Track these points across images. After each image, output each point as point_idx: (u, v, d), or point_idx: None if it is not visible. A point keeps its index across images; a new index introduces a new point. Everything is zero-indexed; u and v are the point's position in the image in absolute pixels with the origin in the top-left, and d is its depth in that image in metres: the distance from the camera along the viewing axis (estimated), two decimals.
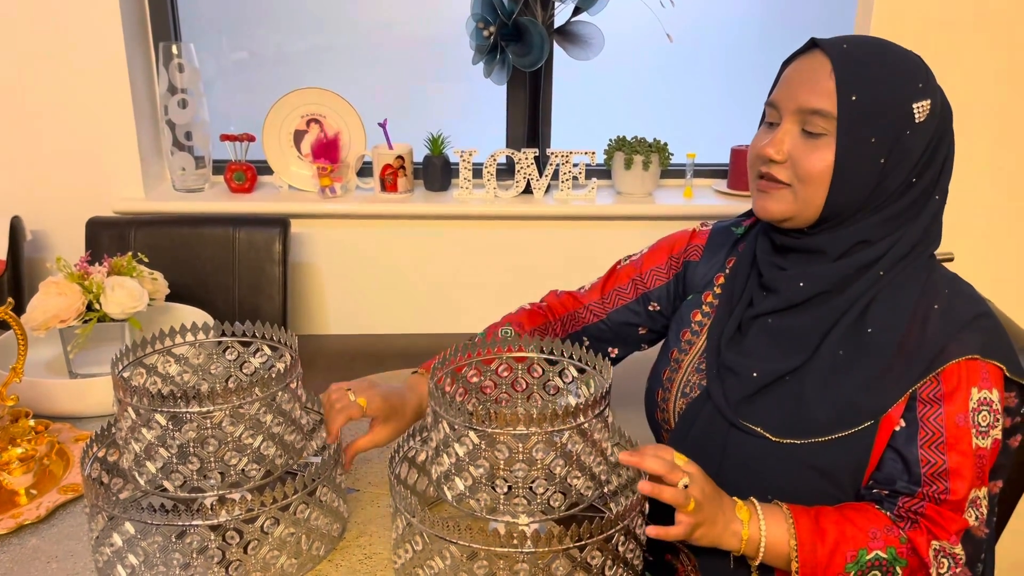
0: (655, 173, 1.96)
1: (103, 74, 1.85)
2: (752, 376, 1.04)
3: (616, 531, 0.90)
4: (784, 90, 1.00)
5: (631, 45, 1.99)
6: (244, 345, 1.14)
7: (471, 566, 0.89)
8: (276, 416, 0.98)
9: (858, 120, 0.95)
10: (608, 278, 1.29)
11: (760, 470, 1.02)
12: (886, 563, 0.94)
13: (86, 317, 1.40)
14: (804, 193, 0.99)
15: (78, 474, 1.19)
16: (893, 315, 0.99)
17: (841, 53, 0.97)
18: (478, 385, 1.11)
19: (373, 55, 2.08)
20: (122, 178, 1.93)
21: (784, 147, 0.99)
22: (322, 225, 1.97)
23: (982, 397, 0.96)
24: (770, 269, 1.07)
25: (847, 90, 0.95)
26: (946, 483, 0.95)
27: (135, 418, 0.94)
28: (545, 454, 0.90)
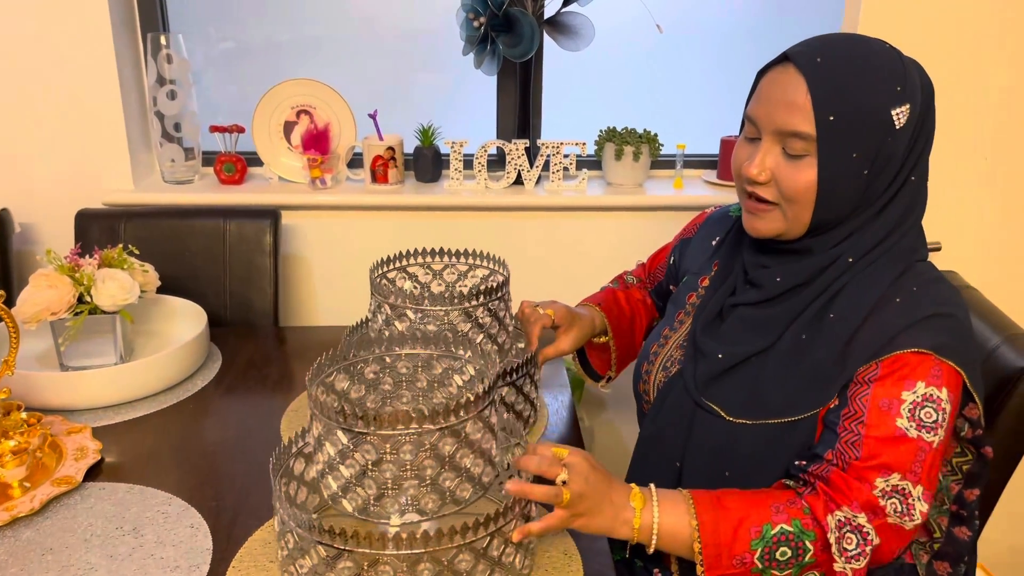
0: (645, 164, 1.97)
1: (91, 65, 1.84)
2: (718, 358, 1.07)
3: (477, 539, 0.89)
4: (761, 108, 0.99)
5: (621, 36, 2.00)
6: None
7: (335, 565, 0.89)
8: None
9: (837, 138, 0.95)
10: (653, 259, 1.46)
11: (718, 449, 1.06)
12: (793, 536, 0.94)
13: (77, 310, 1.40)
14: (791, 211, 1.00)
15: (71, 466, 1.20)
16: (856, 304, 1.00)
17: (815, 69, 0.95)
18: (376, 381, 1.12)
19: (363, 46, 2.07)
20: (111, 170, 1.92)
21: (766, 167, 0.99)
22: (312, 216, 1.96)
23: (928, 393, 0.94)
24: (754, 268, 1.09)
25: (824, 110, 0.94)
26: (856, 452, 0.95)
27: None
28: (413, 456, 0.89)
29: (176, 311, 1.65)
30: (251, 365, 1.57)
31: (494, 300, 1.23)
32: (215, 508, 1.13)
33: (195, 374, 1.52)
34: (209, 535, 1.07)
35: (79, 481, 1.16)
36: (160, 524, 1.09)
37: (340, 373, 1.07)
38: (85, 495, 1.15)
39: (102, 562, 1.02)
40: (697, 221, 1.31)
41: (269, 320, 1.81)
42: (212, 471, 1.23)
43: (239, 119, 1.97)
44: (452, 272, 1.38)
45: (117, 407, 1.39)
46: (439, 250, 1.37)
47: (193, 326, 1.58)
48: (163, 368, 1.43)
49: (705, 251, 1.24)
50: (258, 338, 1.72)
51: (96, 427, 1.32)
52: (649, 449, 1.17)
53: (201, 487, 1.18)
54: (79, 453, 1.22)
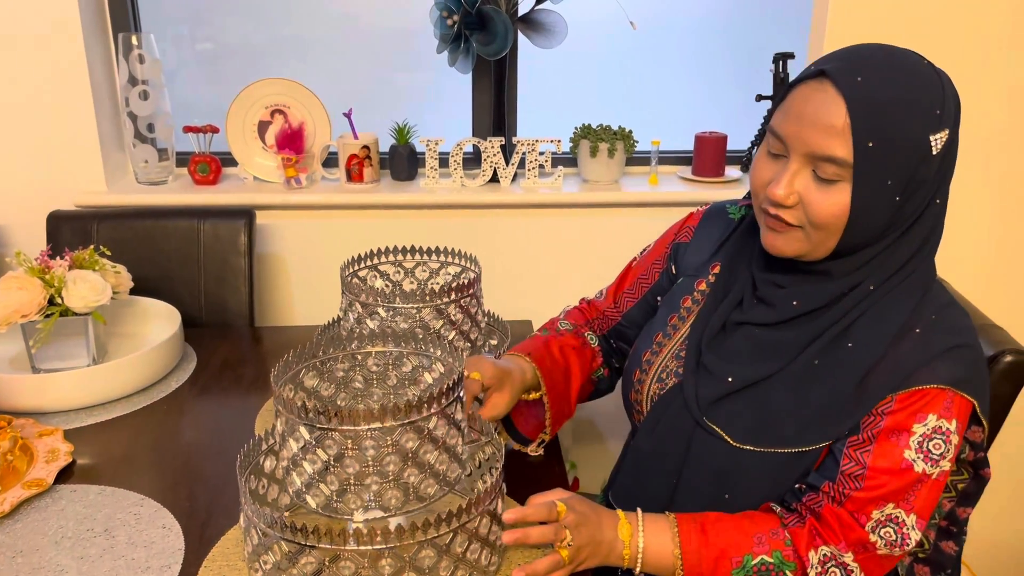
0: (620, 160, 1.98)
1: (61, 65, 1.83)
2: (727, 381, 1.03)
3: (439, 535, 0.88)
4: (793, 127, 0.92)
5: (595, 33, 2.00)
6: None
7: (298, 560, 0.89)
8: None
9: (875, 165, 0.89)
10: (620, 281, 1.31)
11: (718, 471, 1.03)
12: (773, 567, 0.95)
13: (48, 311, 1.39)
14: (817, 237, 0.94)
15: (42, 469, 1.19)
16: (876, 334, 0.97)
17: (855, 90, 0.88)
18: (346, 379, 1.12)
19: (338, 45, 2.07)
20: (83, 171, 1.90)
21: (795, 191, 0.93)
22: (288, 216, 1.96)
23: (939, 425, 0.93)
24: (766, 285, 1.03)
25: (864, 136, 0.87)
26: (857, 484, 0.93)
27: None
28: (376, 452, 0.90)
29: (150, 312, 1.64)
30: (226, 365, 1.57)
31: (465, 297, 1.23)
32: (188, 509, 1.13)
33: (169, 375, 1.51)
34: (181, 535, 1.07)
35: (50, 483, 1.15)
36: (132, 525, 1.09)
37: (310, 371, 1.06)
38: (56, 497, 1.15)
39: (73, 564, 1.01)
40: (690, 223, 1.22)
41: (244, 320, 1.80)
42: (186, 472, 1.22)
43: (213, 120, 1.96)
44: (424, 270, 1.38)
45: (90, 409, 1.39)
46: (410, 248, 1.37)
47: (167, 327, 1.57)
48: (136, 369, 1.43)
49: (703, 252, 1.17)
50: (233, 338, 1.71)
51: (68, 429, 1.32)
52: (643, 464, 1.13)
53: (174, 488, 1.18)
54: (50, 455, 1.21)
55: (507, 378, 1.11)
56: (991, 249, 2.01)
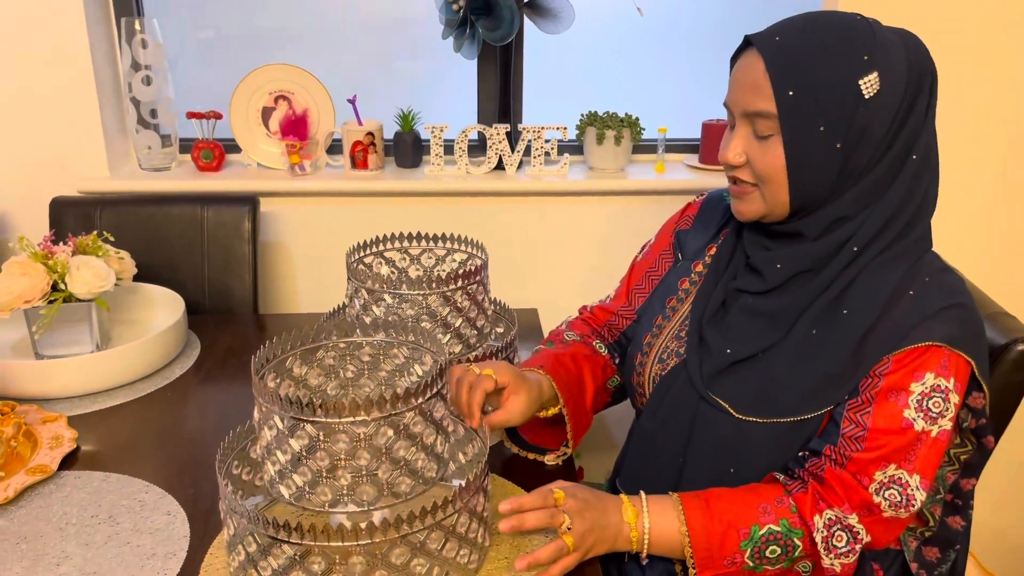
0: (627, 148, 1.96)
1: (64, 50, 1.81)
2: (726, 353, 1.04)
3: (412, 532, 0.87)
4: (731, 94, 1.00)
5: (601, 19, 1.99)
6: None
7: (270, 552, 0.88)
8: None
9: (799, 113, 0.94)
10: (628, 279, 1.30)
11: (723, 445, 1.04)
12: (781, 535, 0.95)
13: (51, 297, 1.38)
14: (768, 192, 0.99)
15: (46, 455, 1.18)
16: (870, 298, 0.98)
17: (772, 48, 0.95)
18: (336, 368, 1.10)
19: (342, 31, 2.05)
20: (86, 157, 1.89)
21: (740, 151, 1.00)
22: (292, 203, 1.95)
23: (937, 384, 0.94)
24: (756, 250, 1.06)
25: (783, 86, 0.94)
26: (858, 445, 0.94)
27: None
28: (348, 445, 0.88)
29: (154, 299, 1.63)
30: (230, 353, 1.56)
31: (472, 284, 1.22)
32: (192, 496, 1.12)
33: (173, 362, 1.50)
34: (186, 522, 1.06)
35: (54, 470, 1.15)
36: (136, 512, 1.08)
37: (297, 359, 1.05)
38: (60, 484, 1.14)
39: (77, 551, 1.00)
40: (689, 212, 1.25)
41: (248, 307, 1.80)
42: (190, 459, 1.22)
43: (217, 106, 1.95)
44: (430, 257, 1.37)
45: (93, 396, 1.38)
46: (416, 235, 1.36)
47: (171, 314, 1.56)
48: (140, 356, 1.42)
49: (702, 237, 1.20)
50: (237, 325, 1.70)
51: (72, 416, 1.31)
52: (648, 444, 1.13)
53: (179, 475, 1.17)
54: (54, 442, 1.21)
55: (524, 382, 1.09)
56: (1000, 236, 2.00)
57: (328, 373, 1.09)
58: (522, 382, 1.08)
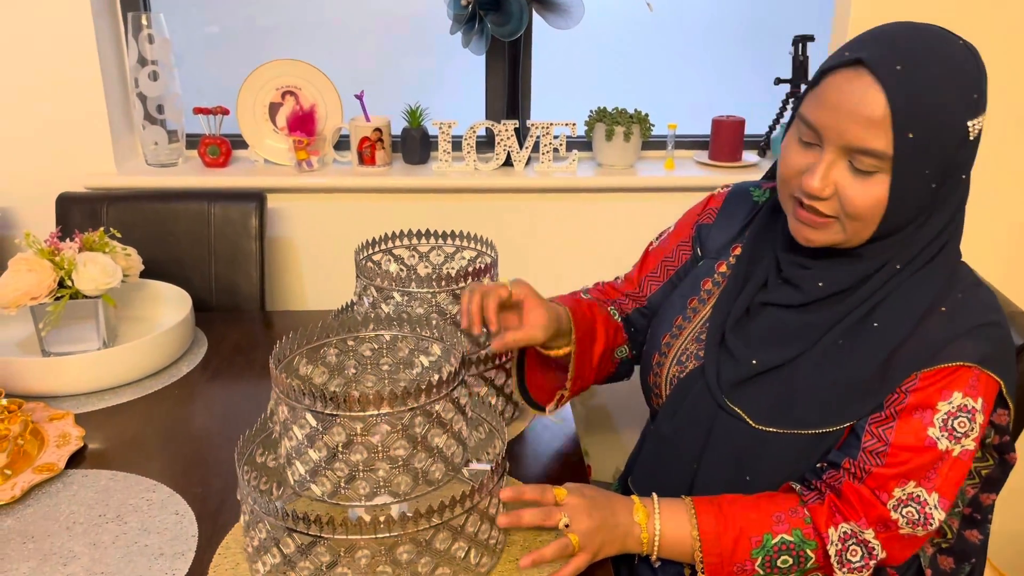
0: (636, 144, 1.95)
1: (70, 46, 1.80)
2: (751, 364, 1.01)
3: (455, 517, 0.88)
4: (829, 117, 0.88)
5: (611, 14, 1.97)
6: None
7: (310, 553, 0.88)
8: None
9: (914, 156, 0.86)
10: (641, 265, 1.26)
11: (740, 453, 1.01)
12: (793, 546, 0.94)
13: (58, 294, 1.37)
14: (853, 228, 0.92)
15: (53, 453, 1.17)
16: (903, 313, 0.95)
17: (895, 80, 0.84)
18: (339, 365, 1.09)
19: (349, 26, 2.04)
20: (93, 153, 1.88)
21: (830, 182, 0.90)
22: (299, 199, 1.93)
23: (964, 403, 0.91)
24: (791, 266, 1.01)
25: (904, 128, 0.85)
26: (879, 460, 0.91)
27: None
28: (384, 436, 0.88)
29: (160, 296, 1.62)
30: (237, 350, 1.55)
31: None
32: (201, 494, 1.11)
33: (180, 359, 1.49)
34: (195, 522, 1.05)
35: (61, 468, 1.14)
36: (144, 511, 1.07)
37: (302, 358, 1.04)
38: (67, 482, 1.13)
39: (85, 550, 0.99)
40: (712, 205, 1.19)
41: (255, 304, 1.79)
42: (198, 457, 1.21)
43: (224, 101, 1.94)
44: (439, 254, 1.36)
45: (100, 393, 1.37)
46: (425, 232, 1.35)
47: (178, 311, 1.55)
48: (147, 353, 1.41)
49: (726, 235, 1.14)
50: (244, 323, 1.69)
51: (79, 413, 1.30)
52: (663, 448, 1.10)
53: (187, 473, 1.16)
54: (61, 440, 1.20)
55: (542, 299, 1.07)
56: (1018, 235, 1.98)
57: (332, 370, 1.08)
58: (540, 298, 1.06)
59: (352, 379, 1.10)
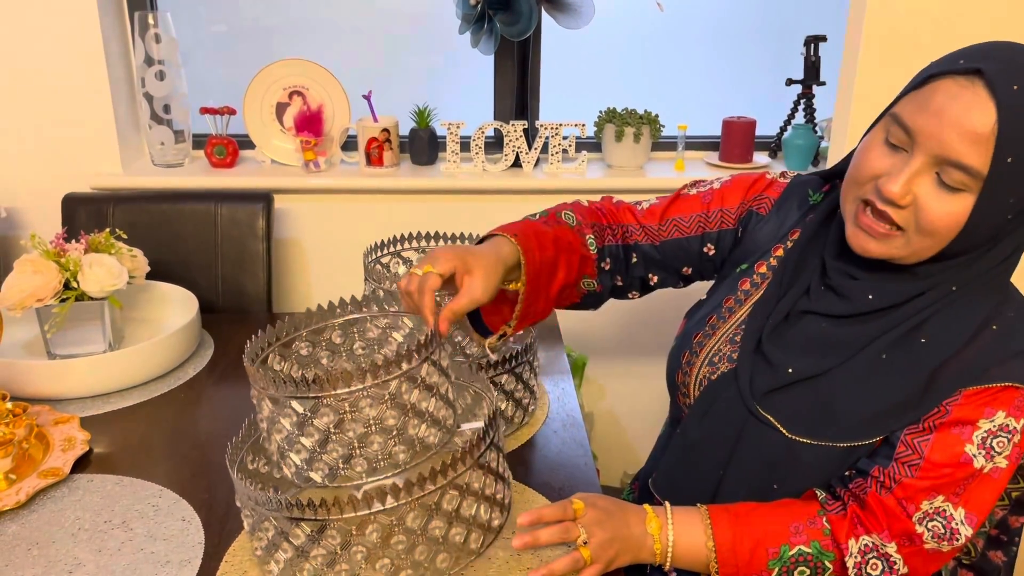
0: (646, 146, 1.93)
1: (77, 45, 1.79)
2: (787, 372, 0.98)
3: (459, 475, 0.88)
4: (931, 123, 0.84)
5: (621, 14, 1.95)
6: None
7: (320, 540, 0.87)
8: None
9: (1006, 181, 0.83)
10: (670, 204, 1.17)
11: (770, 462, 0.99)
12: (811, 557, 0.92)
13: (63, 296, 1.36)
14: (919, 244, 0.89)
15: (58, 457, 1.16)
16: (952, 331, 0.92)
17: (1011, 100, 0.80)
18: (312, 357, 1.07)
19: (356, 26, 2.02)
20: (99, 153, 1.87)
21: (911, 190, 0.86)
22: (306, 200, 1.92)
23: (1006, 423, 0.89)
24: (838, 274, 0.98)
25: (1006, 151, 0.81)
26: (911, 472, 0.89)
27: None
28: (373, 408, 0.88)
29: (167, 297, 1.61)
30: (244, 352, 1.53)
31: None
32: (207, 500, 1.09)
33: (186, 362, 1.48)
34: (201, 528, 1.04)
35: (67, 473, 1.13)
36: (150, 517, 1.06)
37: (275, 355, 1.03)
38: (73, 487, 1.12)
39: (90, 557, 0.98)
40: (769, 193, 1.11)
41: (262, 306, 1.77)
42: (205, 462, 1.19)
43: (231, 101, 1.93)
44: None
45: (106, 396, 1.36)
46: (433, 234, 1.33)
47: (184, 312, 1.54)
48: (153, 356, 1.40)
49: (773, 231, 1.09)
50: (251, 324, 1.68)
51: (84, 417, 1.29)
52: (689, 453, 1.07)
53: (193, 479, 1.15)
54: (66, 444, 1.19)
55: (474, 258, 0.97)
56: None
57: (306, 363, 1.08)
58: (472, 258, 0.97)
59: (328, 367, 1.10)
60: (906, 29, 1.72)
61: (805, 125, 1.95)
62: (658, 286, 1.20)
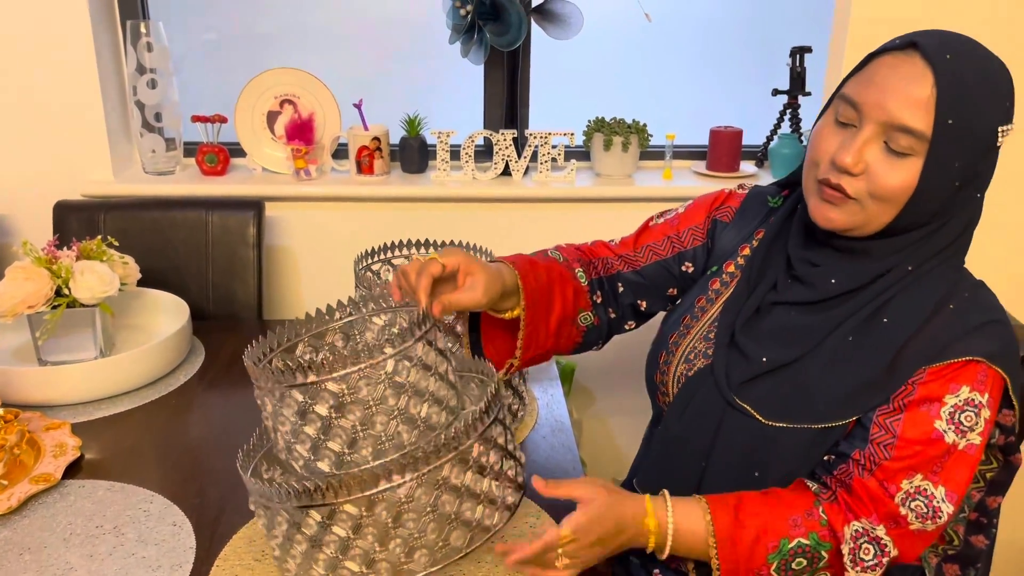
0: (634, 155, 1.95)
1: (69, 53, 1.80)
2: (762, 362, 1.02)
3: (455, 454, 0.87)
4: (873, 94, 0.91)
5: (609, 25, 1.97)
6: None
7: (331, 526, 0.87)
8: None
9: (949, 144, 0.89)
10: (640, 234, 1.24)
11: (748, 450, 1.02)
12: (809, 548, 0.94)
13: (55, 303, 1.37)
14: (874, 209, 0.94)
15: (50, 463, 1.17)
16: (912, 311, 0.97)
17: (945, 66, 0.88)
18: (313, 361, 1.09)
19: (347, 35, 2.04)
20: (90, 160, 1.87)
21: (863, 159, 0.92)
22: (297, 208, 1.93)
23: (971, 398, 0.92)
24: (802, 264, 1.03)
25: (946, 112, 0.87)
26: (887, 453, 0.92)
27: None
28: (372, 389, 0.88)
29: (158, 304, 1.62)
30: (235, 359, 1.54)
31: None
32: (198, 505, 1.10)
33: (177, 369, 1.49)
34: (192, 533, 1.05)
35: (58, 479, 1.13)
36: (142, 522, 1.06)
37: (278, 359, 1.04)
38: (64, 493, 1.12)
39: (82, 562, 0.99)
40: (730, 203, 1.19)
41: (253, 313, 1.78)
42: (195, 468, 1.20)
43: (222, 109, 1.94)
44: None
45: (97, 403, 1.36)
46: (424, 241, 1.34)
47: (175, 319, 1.55)
48: (144, 362, 1.40)
49: (737, 236, 1.15)
50: (242, 331, 1.68)
51: (76, 423, 1.29)
52: (671, 448, 1.10)
53: (184, 484, 1.15)
54: (58, 450, 1.19)
55: (478, 263, 1.02)
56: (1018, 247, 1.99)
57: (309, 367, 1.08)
58: (476, 263, 1.02)
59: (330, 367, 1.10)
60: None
61: (791, 135, 1.97)
62: (650, 311, 1.24)
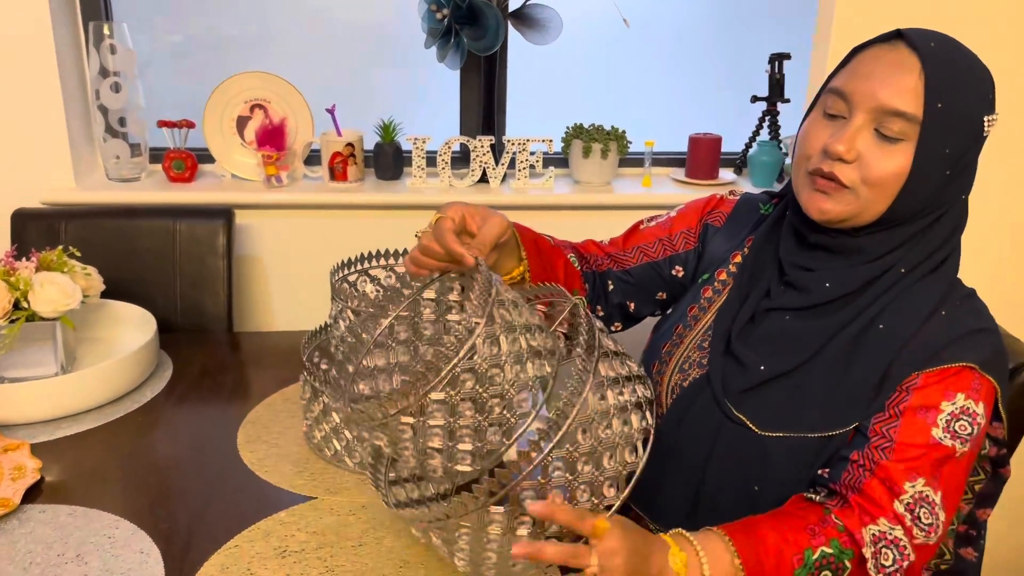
0: (613, 162, 1.92)
1: (28, 55, 1.73)
2: (759, 370, 1.00)
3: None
4: (862, 83, 0.92)
5: (587, 30, 1.95)
6: None
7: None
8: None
9: (939, 129, 0.90)
10: (630, 235, 1.23)
11: (747, 462, 1.00)
12: (834, 558, 0.91)
13: (13, 316, 1.31)
14: (868, 197, 0.93)
15: (8, 487, 1.11)
16: (907, 317, 0.97)
17: (931, 52, 0.90)
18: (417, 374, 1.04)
19: (319, 39, 1.99)
20: (51, 167, 1.81)
21: (855, 146, 0.92)
22: (268, 216, 1.88)
23: (966, 406, 0.92)
24: (794, 269, 1.02)
25: (935, 96, 0.89)
26: (887, 455, 0.92)
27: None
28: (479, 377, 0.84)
29: (123, 317, 1.56)
30: (204, 373, 1.48)
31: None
32: (167, 531, 1.05)
33: (144, 384, 1.43)
34: (160, 561, 0.99)
35: (17, 503, 1.07)
36: (106, 550, 1.01)
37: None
38: (24, 519, 1.06)
39: None
40: (722, 208, 1.18)
41: (223, 325, 1.72)
42: (163, 490, 1.15)
43: (189, 114, 1.88)
44: None
45: (58, 421, 1.30)
46: (402, 251, 1.30)
47: (141, 333, 1.49)
48: (108, 378, 1.34)
49: (729, 242, 1.15)
50: (211, 344, 1.63)
51: (35, 443, 1.23)
52: (667, 459, 1.06)
53: (151, 508, 1.10)
54: (16, 472, 1.14)
55: (474, 205, 1.03)
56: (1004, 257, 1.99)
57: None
58: (472, 204, 1.03)
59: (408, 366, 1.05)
60: None
61: (770, 142, 1.96)
62: (638, 314, 1.22)
